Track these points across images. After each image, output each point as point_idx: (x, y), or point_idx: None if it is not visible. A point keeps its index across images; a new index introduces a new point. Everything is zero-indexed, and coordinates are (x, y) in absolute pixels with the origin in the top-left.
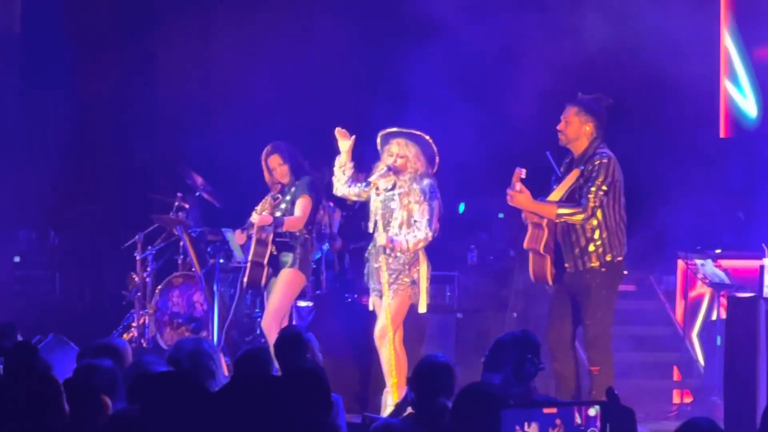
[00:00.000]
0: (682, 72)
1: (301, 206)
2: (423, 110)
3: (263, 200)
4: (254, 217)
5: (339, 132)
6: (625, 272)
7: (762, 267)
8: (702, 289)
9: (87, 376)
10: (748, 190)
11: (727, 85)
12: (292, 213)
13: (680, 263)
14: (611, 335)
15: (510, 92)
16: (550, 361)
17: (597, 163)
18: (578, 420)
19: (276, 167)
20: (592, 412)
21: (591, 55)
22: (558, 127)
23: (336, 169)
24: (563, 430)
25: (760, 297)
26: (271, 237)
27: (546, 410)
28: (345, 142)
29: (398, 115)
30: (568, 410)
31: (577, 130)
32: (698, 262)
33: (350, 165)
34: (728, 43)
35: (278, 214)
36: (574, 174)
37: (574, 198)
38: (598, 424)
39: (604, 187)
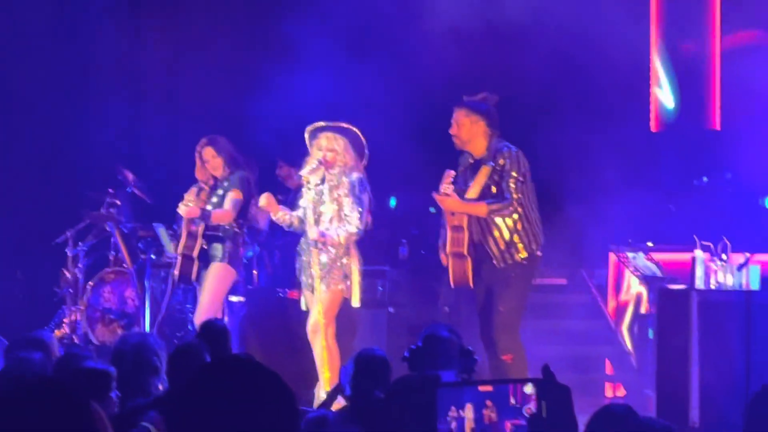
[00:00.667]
0: (613, 64)
1: (231, 200)
2: (354, 106)
3: (189, 190)
4: (181, 209)
5: (266, 200)
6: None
7: (693, 259)
8: (633, 283)
9: (19, 368)
10: (679, 183)
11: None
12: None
13: (612, 256)
14: (520, 325)
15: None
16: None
17: (506, 155)
18: (513, 398)
19: (209, 159)
20: (528, 389)
21: (518, 46)
22: (451, 131)
23: (280, 221)
24: (496, 409)
25: (692, 289)
26: (201, 230)
27: (481, 388)
28: (273, 207)
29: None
30: (503, 388)
31: (469, 131)
32: (630, 255)
33: (286, 215)
34: (653, 35)
35: (209, 207)
36: (485, 171)
37: (488, 195)
38: (534, 401)
39: (521, 178)
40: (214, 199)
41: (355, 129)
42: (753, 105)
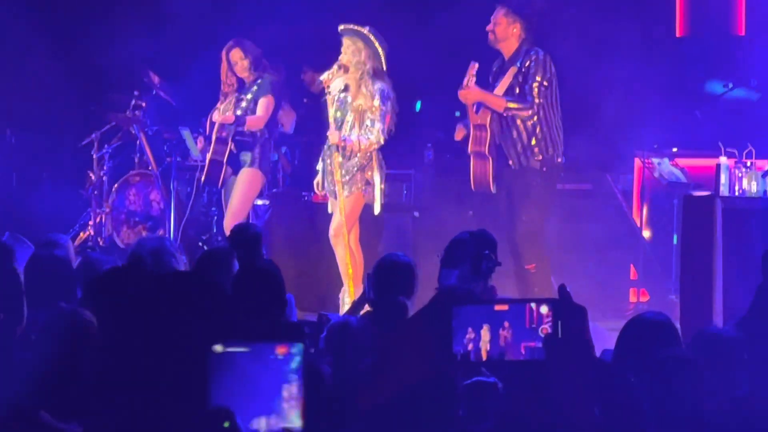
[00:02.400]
0: None
1: (264, 106)
2: (380, 7)
3: (227, 100)
4: (216, 116)
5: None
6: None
7: (718, 165)
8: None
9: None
10: (704, 89)
11: None
12: (254, 111)
13: (637, 162)
14: (544, 234)
15: None
16: (514, 259)
17: (534, 58)
18: (530, 319)
19: (238, 61)
20: (544, 309)
21: None
22: (487, 28)
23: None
24: (512, 331)
25: (716, 196)
26: (231, 135)
27: (497, 307)
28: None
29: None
30: (519, 307)
31: (504, 30)
32: (655, 161)
33: None
34: None
35: (239, 112)
36: (511, 72)
37: (512, 95)
38: (550, 321)
39: (545, 83)
40: (243, 104)
41: (371, 35)
42: None
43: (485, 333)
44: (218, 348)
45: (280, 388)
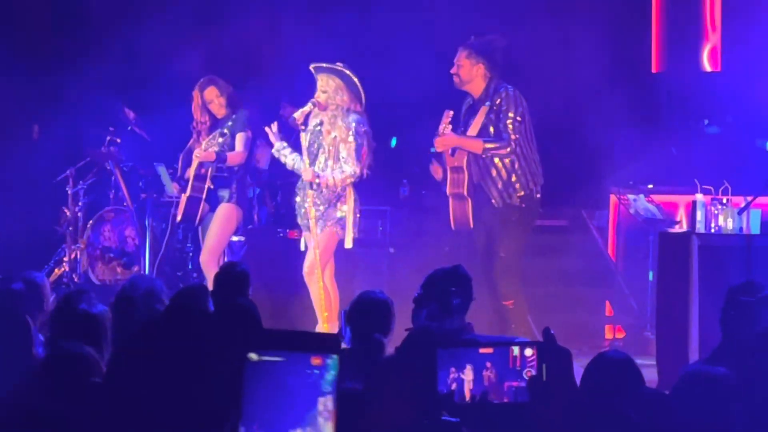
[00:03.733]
0: (615, 3)
1: (242, 141)
2: (354, 47)
3: (201, 137)
4: (198, 153)
5: (267, 131)
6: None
7: (694, 202)
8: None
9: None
10: (681, 126)
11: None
12: (231, 147)
13: (613, 198)
14: (521, 270)
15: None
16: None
17: (504, 95)
18: (513, 361)
19: (213, 99)
20: (528, 352)
21: None
22: (451, 71)
23: (278, 155)
24: (495, 371)
25: (693, 233)
26: (210, 172)
27: (482, 350)
28: (271, 136)
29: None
30: (503, 350)
31: (468, 72)
32: (630, 197)
33: (283, 145)
34: None
35: (216, 148)
36: (483, 111)
37: (486, 135)
38: (534, 364)
39: (519, 118)
40: (221, 140)
41: (347, 70)
42: (755, 46)
43: (468, 373)
44: (253, 356)
45: (316, 400)
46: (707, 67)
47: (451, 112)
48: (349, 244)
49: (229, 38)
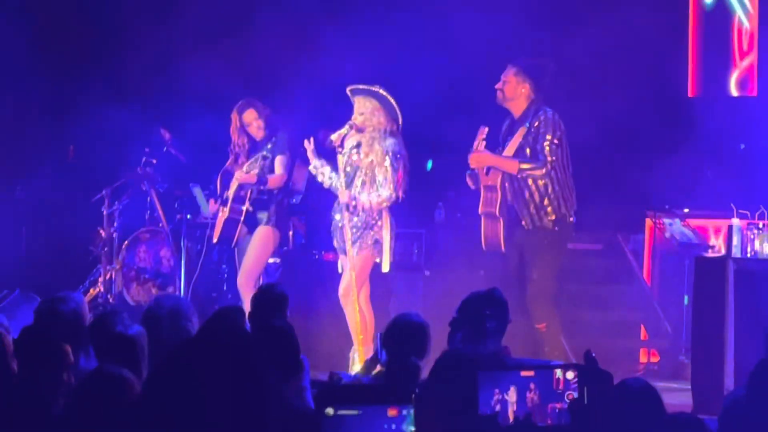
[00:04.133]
0: (651, 29)
1: (282, 164)
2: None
3: (240, 160)
4: (239, 175)
5: (306, 145)
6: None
7: (730, 227)
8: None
9: (47, 323)
10: (717, 149)
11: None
12: (271, 169)
13: (648, 222)
14: (556, 293)
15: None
16: (529, 320)
17: (542, 118)
18: (556, 383)
19: (252, 121)
20: (570, 375)
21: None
22: (496, 86)
23: (315, 172)
24: (538, 393)
25: (728, 257)
26: (249, 194)
27: (524, 373)
28: (309, 152)
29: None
30: (546, 373)
31: (513, 89)
32: (666, 221)
33: (321, 163)
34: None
35: (256, 170)
36: (521, 132)
37: (522, 156)
38: (576, 387)
39: (556, 141)
40: (262, 162)
41: (383, 92)
42: None
43: (512, 394)
44: (329, 411)
45: None
46: (740, 92)
47: (486, 129)
48: (386, 267)
49: (261, 57)
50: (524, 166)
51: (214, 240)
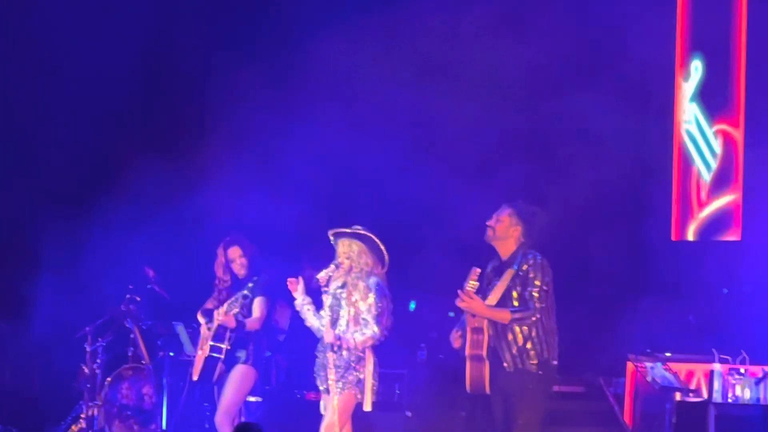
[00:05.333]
0: (637, 169)
1: (260, 306)
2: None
3: (222, 297)
4: (218, 317)
5: (289, 284)
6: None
7: (712, 372)
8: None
9: None
10: (698, 294)
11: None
12: (250, 309)
13: (630, 365)
14: None
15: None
16: None
17: (531, 262)
18: None
19: (236, 258)
20: None
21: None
22: (488, 223)
23: (300, 309)
24: None
25: (710, 402)
26: (228, 334)
27: None
28: (295, 290)
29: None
30: None
31: (506, 230)
32: (648, 364)
33: (307, 301)
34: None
35: (236, 310)
36: (509, 274)
37: (509, 299)
38: None
39: (545, 287)
40: (242, 301)
41: (371, 235)
42: None
43: None
44: None
45: None
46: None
47: (479, 270)
48: (368, 407)
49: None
50: (516, 315)
51: (194, 377)
